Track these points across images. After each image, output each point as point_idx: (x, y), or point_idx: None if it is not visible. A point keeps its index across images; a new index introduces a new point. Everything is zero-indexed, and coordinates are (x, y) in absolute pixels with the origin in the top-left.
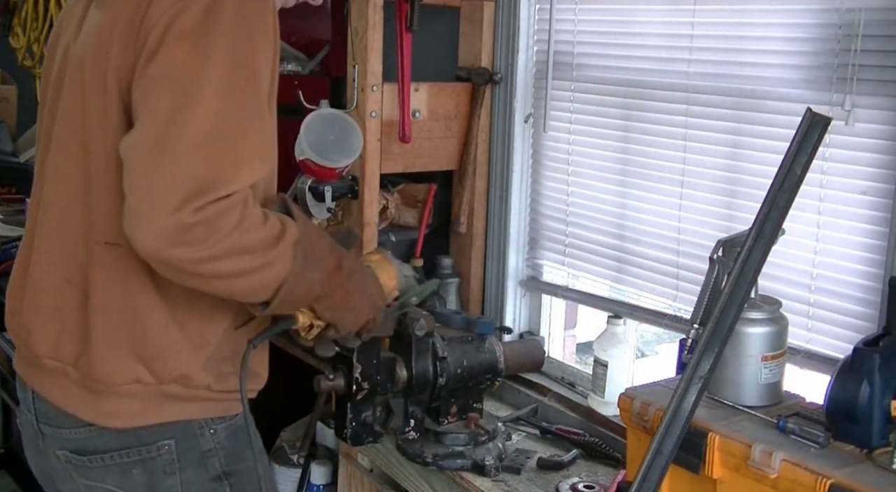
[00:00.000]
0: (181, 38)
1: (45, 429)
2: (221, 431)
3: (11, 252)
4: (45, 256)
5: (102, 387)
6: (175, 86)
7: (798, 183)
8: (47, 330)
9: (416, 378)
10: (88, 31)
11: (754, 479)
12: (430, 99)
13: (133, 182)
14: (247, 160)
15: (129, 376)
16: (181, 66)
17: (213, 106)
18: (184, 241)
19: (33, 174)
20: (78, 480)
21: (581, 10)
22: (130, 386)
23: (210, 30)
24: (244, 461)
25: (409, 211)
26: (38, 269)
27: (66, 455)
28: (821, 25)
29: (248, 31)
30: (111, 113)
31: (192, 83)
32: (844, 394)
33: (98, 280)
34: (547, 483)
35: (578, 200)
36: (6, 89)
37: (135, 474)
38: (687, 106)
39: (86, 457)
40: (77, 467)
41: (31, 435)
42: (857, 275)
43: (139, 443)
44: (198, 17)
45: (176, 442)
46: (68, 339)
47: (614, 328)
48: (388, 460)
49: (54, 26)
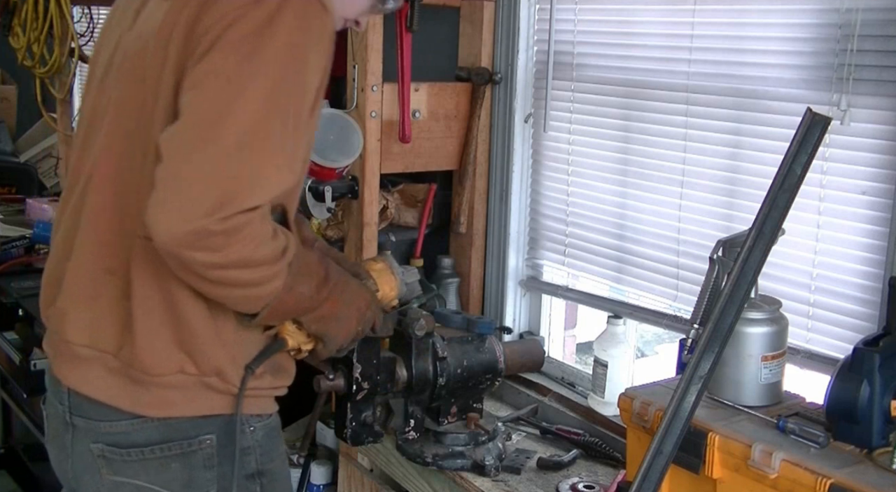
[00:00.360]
0: (237, 42)
1: (79, 421)
2: (260, 429)
3: (11, 252)
4: (87, 245)
5: (146, 376)
6: (223, 88)
7: (798, 183)
8: (84, 319)
9: (416, 378)
10: (150, 24)
11: (754, 479)
12: (430, 99)
13: (166, 175)
14: (277, 172)
15: (174, 366)
16: (232, 69)
17: (256, 114)
18: (203, 245)
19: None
20: (105, 476)
21: (581, 10)
22: (174, 376)
23: (267, 39)
24: (274, 461)
25: (409, 211)
26: (79, 258)
27: (101, 448)
28: (821, 25)
29: (305, 45)
30: (162, 108)
31: (239, 88)
32: (844, 394)
33: (139, 272)
34: (547, 483)
35: (578, 200)
36: (6, 89)
37: (173, 468)
38: (687, 106)
39: (124, 450)
40: (110, 462)
41: (60, 428)
42: (857, 275)
43: (181, 436)
44: (258, 24)
45: (217, 437)
46: (107, 328)
47: (614, 328)
48: (388, 460)
49: (108, 16)
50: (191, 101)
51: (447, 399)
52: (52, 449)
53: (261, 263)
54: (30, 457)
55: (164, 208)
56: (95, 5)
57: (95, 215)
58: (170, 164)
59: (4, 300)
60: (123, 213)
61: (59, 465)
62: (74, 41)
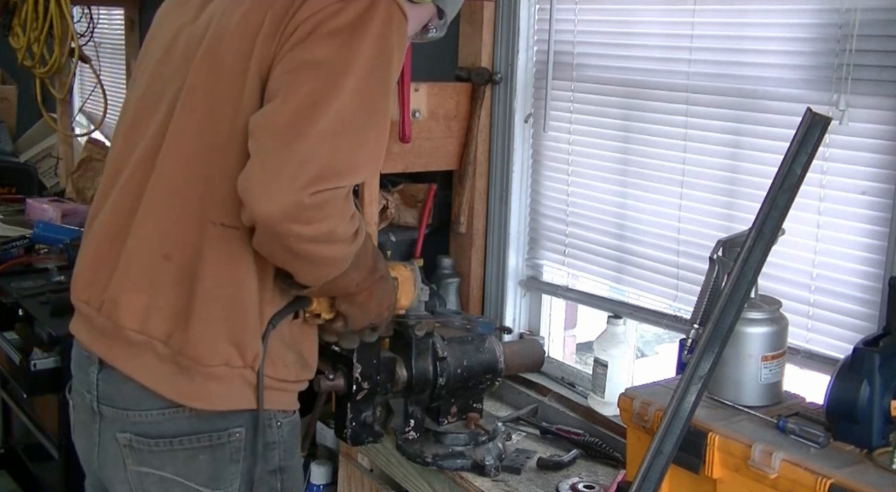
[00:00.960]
0: (332, 34)
1: (107, 411)
2: (286, 425)
3: (11, 252)
4: (146, 230)
5: (194, 365)
6: (320, 73)
7: (798, 183)
8: (138, 303)
9: (416, 378)
10: (228, 17)
11: (754, 479)
12: (430, 99)
13: (264, 151)
14: (366, 159)
15: (222, 357)
16: (329, 57)
17: (351, 103)
18: (300, 218)
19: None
20: (130, 466)
21: (581, 10)
22: (220, 368)
23: (361, 33)
24: (293, 458)
25: (409, 211)
26: (136, 242)
27: (129, 438)
28: (820, 25)
29: (390, 45)
30: (248, 99)
31: (336, 75)
32: (844, 394)
33: (209, 260)
34: (547, 483)
35: (578, 200)
36: (6, 89)
37: (201, 460)
38: (687, 106)
39: (152, 440)
40: (136, 452)
41: (86, 418)
42: (857, 275)
43: (212, 428)
44: (351, 19)
45: (246, 431)
46: (160, 314)
47: (614, 328)
48: (388, 460)
49: (160, 12)
50: (287, 86)
51: (447, 399)
52: (78, 438)
53: (340, 240)
54: (30, 457)
55: (263, 183)
56: (95, 5)
57: (157, 200)
58: (268, 140)
59: (4, 300)
60: (188, 198)
61: (85, 454)
62: (74, 41)
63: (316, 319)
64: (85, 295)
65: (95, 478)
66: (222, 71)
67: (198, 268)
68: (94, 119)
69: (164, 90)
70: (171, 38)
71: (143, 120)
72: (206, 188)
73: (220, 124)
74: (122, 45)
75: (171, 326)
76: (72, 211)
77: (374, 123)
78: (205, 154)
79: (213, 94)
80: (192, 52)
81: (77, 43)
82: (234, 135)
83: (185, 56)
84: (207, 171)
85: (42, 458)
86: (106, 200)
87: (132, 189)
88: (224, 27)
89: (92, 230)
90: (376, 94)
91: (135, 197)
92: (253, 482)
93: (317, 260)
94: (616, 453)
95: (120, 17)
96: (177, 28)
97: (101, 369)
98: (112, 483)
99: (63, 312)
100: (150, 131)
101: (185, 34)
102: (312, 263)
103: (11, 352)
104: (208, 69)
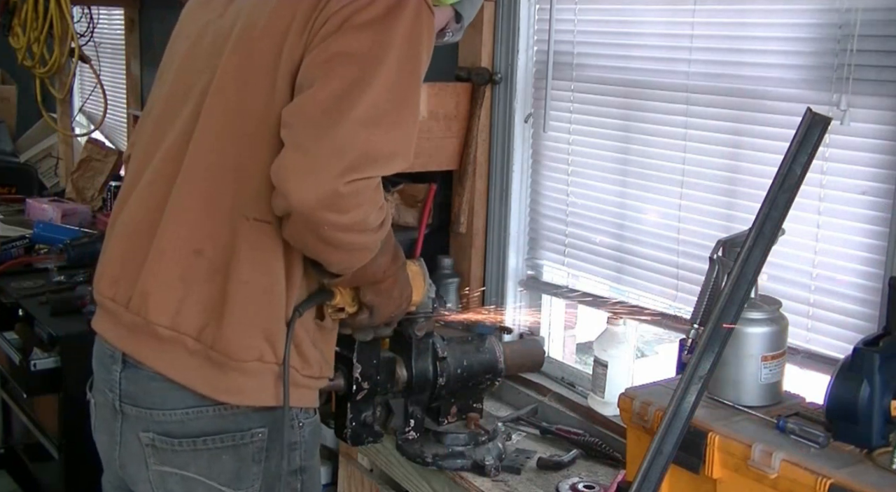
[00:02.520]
0: (363, 26)
1: (129, 410)
2: (307, 426)
3: (11, 252)
4: (176, 225)
5: (227, 360)
6: (353, 64)
7: (798, 183)
8: (169, 298)
9: (416, 378)
10: (258, 12)
11: (754, 479)
12: (430, 99)
13: (300, 140)
14: (399, 149)
15: (255, 353)
16: (361, 48)
17: (383, 93)
18: (335, 206)
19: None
20: (152, 466)
21: (581, 10)
22: (253, 363)
23: (391, 26)
24: (313, 458)
25: (409, 211)
26: (166, 237)
27: (152, 437)
28: (820, 25)
29: (419, 40)
30: (280, 93)
31: (369, 66)
32: (844, 394)
33: (242, 255)
34: (547, 483)
35: (578, 200)
36: (6, 89)
37: (224, 460)
38: (687, 106)
39: (176, 440)
40: (159, 452)
41: (108, 416)
42: (857, 275)
43: (236, 428)
44: (381, 13)
45: (268, 431)
46: (191, 309)
47: (614, 328)
48: (388, 460)
49: (186, 9)
50: (321, 76)
51: (447, 399)
52: (99, 437)
53: (369, 229)
54: (30, 457)
55: (300, 171)
56: (95, 5)
57: (187, 195)
58: (304, 129)
59: (4, 300)
60: (219, 193)
61: (106, 452)
62: (74, 41)
63: (339, 314)
64: (111, 291)
65: (115, 476)
66: (253, 65)
67: (230, 263)
68: (94, 119)
69: (193, 85)
70: (198, 34)
71: (170, 114)
72: (237, 183)
73: (251, 118)
74: (122, 45)
75: (202, 322)
76: (72, 211)
77: (407, 114)
78: (235, 149)
79: (244, 88)
80: (220, 46)
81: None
82: (265, 129)
83: (212, 51)
84: (238, 165)
85: (42, 458)
86: (130, 195)
87: (160, 184)
88: (254, 22)
89: (116, 226)
90: (407, 87)
91: (163, 192)
92: (274, 483)
93: (348, 248)
94: (616, 453)
95: (120, 17)
96: (203, 24)
97: (124, 368)
98: (134, 482)
99: (63, 312)
100: (177, 126)
101: (212, 29)
102: (345, 250)
103: (11, 352)
104: (238, 64)
